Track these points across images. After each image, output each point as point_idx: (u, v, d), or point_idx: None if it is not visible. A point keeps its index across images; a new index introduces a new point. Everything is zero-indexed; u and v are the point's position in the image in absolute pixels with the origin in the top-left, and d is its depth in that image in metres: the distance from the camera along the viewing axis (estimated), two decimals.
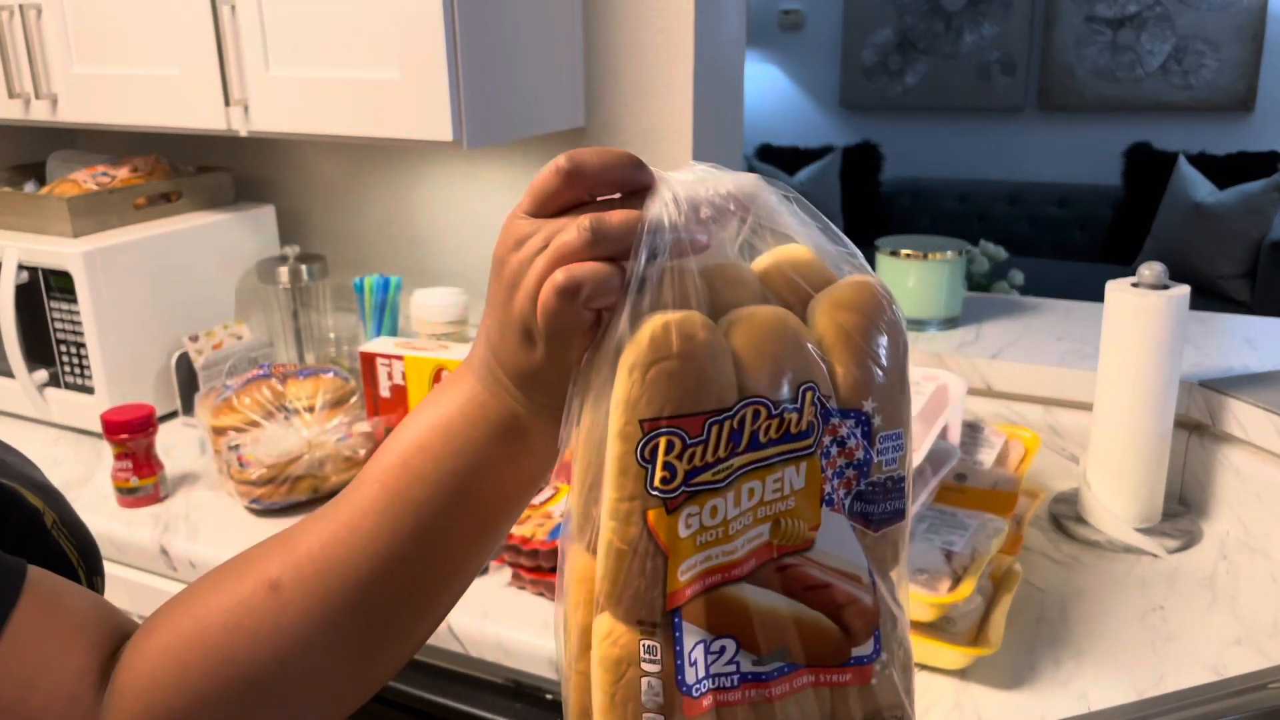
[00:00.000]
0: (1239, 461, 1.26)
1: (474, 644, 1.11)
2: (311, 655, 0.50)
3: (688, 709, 0.45)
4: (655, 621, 0.45)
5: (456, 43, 1.30)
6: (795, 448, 0.46)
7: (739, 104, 1.68)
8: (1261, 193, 4.19)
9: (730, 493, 0.45)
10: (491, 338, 0.50)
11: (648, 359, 0.44)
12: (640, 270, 0.45)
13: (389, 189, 1.83)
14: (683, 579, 0.45)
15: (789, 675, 0.47)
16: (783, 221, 0.49)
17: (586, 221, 0.45)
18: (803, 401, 0.46)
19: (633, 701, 0.45)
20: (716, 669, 0.46)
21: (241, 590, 0.50)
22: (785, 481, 0.46)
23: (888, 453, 0.48)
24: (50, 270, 1.56)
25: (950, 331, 1.53)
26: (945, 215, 5.13)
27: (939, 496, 1.15)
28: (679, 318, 0.44)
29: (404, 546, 0.50)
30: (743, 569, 0.46)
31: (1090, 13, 4.89)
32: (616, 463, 0.45)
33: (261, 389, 1.40)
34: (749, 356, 0.45)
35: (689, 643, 0.45)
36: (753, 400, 0.45)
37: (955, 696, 0.97)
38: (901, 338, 0.49)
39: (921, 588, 0.99)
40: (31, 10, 1.58)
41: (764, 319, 0.46)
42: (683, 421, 0.44)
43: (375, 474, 0.51)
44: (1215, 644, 1.04)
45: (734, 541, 0.45)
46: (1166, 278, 1.19)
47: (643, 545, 0.44)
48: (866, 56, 5.41)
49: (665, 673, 0.45)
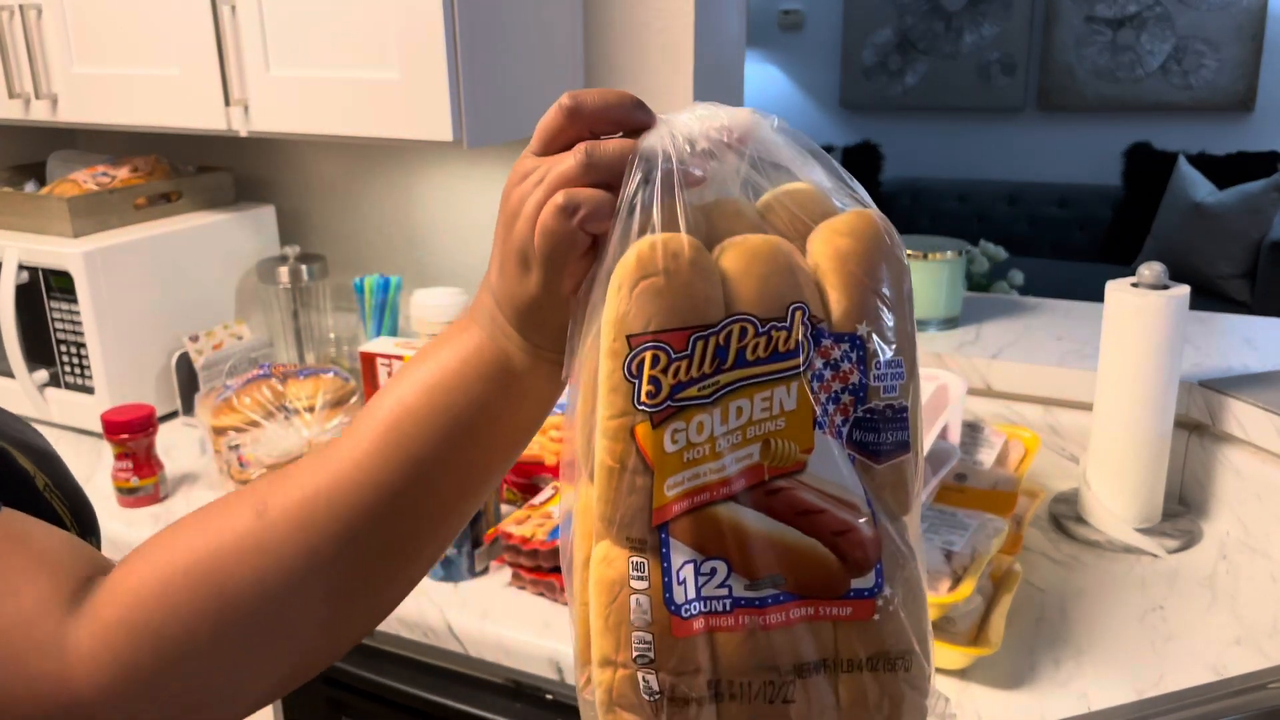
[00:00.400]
0: (1239, 461, 1.26)
1: (474, 644, 1.11)
2: (292, 584, 0.49)
3: (677, 629, 0.45)
4: (644, 539, 0.46)
5: (457, 43, 1.30)
6: (784, 367, 0.46)
7: (739, 104, 1.68)
8: (1261, 193, 4.19)
9: (717, 409, 0.45)
10: (491, 279, 0.52)
11: (634, 276, 0.45)
12: (631, 196, 0.47)
13: (389, 189, 1.83)
14: (669, 494, 0.45)
15: (785, 604, 0.46)
16: (782, 155, 0.50)
17: (582, 149, 0.48)
18: (791, 320, 0.46)
19: (625, 623, 0.46)
20: (708, 591, 0.46)
21: (229, 516, 0.50)
22: (775, 401, 0.46)
23: (886, 379, 0.47)
24: (50, 270, 1.56)
25: (950, 331, 1.53)
26: (945, 215, 5.12)
27: (939, 496, 1.15)
28: (666, 237, 0.45)
29: (394, 491, 0.50)
30: (732, 488, 0.46)
31: (1090, 13, 4.89)
32: (607, 380, 0.45)
33: (262, 389, 1.40)
34: (737, 277, 0.46)
35: (677, 561, 0.45)
36: (739, 317, 0.45)
37: (955, 696, 0.97)
38: (901, 266, 0.49)
39: None
40: (32, 10, 1.58)
41: (755, 243, 0.47)
42: (667, 336, 0.44)
43: (372, 421, 0.52)
44: (1215, 644, 1.04)
45: (722, 459, 0.45)
46: (1166, 278, 1.19)
47: (631, 461, 0.45)
48: (866, 56, 5.42)
49: (653, 590, 0.45)
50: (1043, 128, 5.15)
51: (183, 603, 0.48)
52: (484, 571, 1.20)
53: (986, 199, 5.09)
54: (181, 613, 0.48)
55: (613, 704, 0.47)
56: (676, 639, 0.45)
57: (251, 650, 0.50)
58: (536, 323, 0.51)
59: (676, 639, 0.45)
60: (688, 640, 0.46)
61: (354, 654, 1.19)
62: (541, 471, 1.31)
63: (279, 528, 0.49)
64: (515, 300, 0.50)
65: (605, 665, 0.46)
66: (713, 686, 0.46)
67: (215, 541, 0.49)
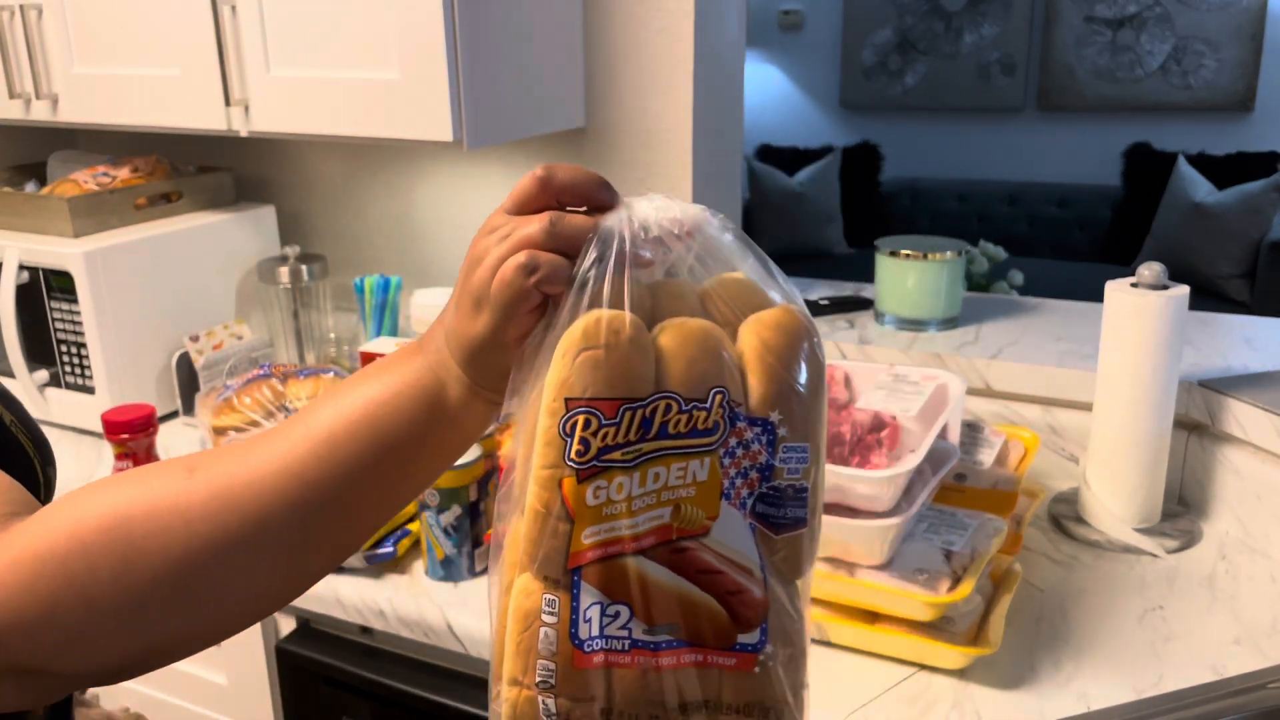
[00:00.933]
0: (1238, 461, 1.26)
1: (474, 644, 1.11)
2: (196, 551, 0.53)
3: (578, 661, 0.51)
4: (559, 579, 0.51)
5: (457, 43, 1.30)
6: (700, 443, 0.52)
7: (739, 104, 1.68)
8: (1261, 193, 4.19)
9: (637, 473, 0.51)
10: (445, 315, 0.57)
11: (579, 346, 0.50)
12: (586, 270, 0.52)
13: (389, 189, 1.83)
14: (585, 542, 0.51)
15: (677, 649, 0.52)
16: (724, 249, 0.56)
17: (548, 217, 0.53)
18: (711, 403, 0.51)
19: (533, 651, 0.52)
20: (610, 631, 0.51)
21: (159, 475, 0.55)
22: (689, 471, 0.52)
23: (791, 462, 0.53)
24: (51, 270, 1.56)
25: (950, 331, 1.53)
26: (945, 215, 5.13)
27: (939, 496, 1.15)
28: (611, 314, 0.51)
29: (319, 489, 0.55)
30: (642, 544, 0.51)
31: (1090, 13, 4.89)
32: (544, 435, 0.51)
33: (262, 389, 1.40)
34: (670, 357, 0.51)
35: (585, 601, 0.51)
36: (665, 395, 0.51)
37: (955, 696, 0.97)
38: (819, 362, 0.54)
39: (921, 588, 0.99)
40: (32, 10, 1.58)
41: (691, 327, 0.53)
42: (600, 404, 0.50)
43: (311, 425, 0.56)
44: (1214, 644, 1.04)
45: (636, 517, 0.51)
46: (1166, 278, 1.19)
47: (556, 509, 0.51)
48: (866, 57, 5.42)
49: (561, 625, 0.51)
50: (1042, 128, 5.15)
51: (90, 545, 0.52)
52: (484, 571, 1.20)
53: (986, 199, 5.09)
54: (89, 555, 0.52)
55: (515, 718, 0.53)
56: (576, 669, 0.51)
57: (147, 602, 0.53)
58: (480, 363, 0.56)
59: (576, 669, 0.51)
60: (586, 672, 0.51)
61: (355, 653, 1.20)
62: None
63: (198, 495, 0.54)
64: (464, 339, 0.55)
65: (513, 685, 0.52)
66: (605, 715, 0.52)
67: (138, 496, 0.54)
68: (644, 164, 1.59)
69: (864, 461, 1.02)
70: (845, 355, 1.49)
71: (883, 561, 1.01)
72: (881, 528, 0.98)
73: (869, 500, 0.99)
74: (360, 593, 1.17)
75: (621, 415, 0.50)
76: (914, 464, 1.00)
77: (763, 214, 5.06)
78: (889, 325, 1.56)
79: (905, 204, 5.20)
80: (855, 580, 1.01)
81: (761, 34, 5.56)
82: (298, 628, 1.25)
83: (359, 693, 1.19)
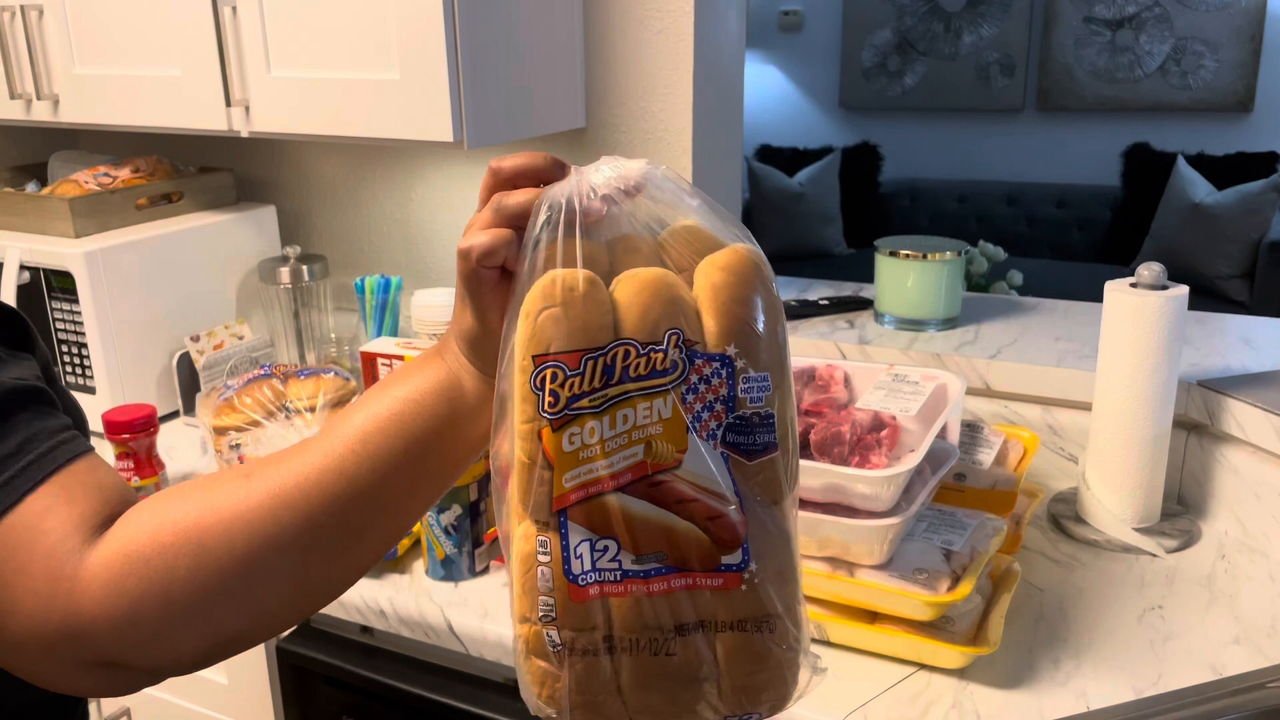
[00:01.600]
0: (1237, 461, 1.26)
1: (474, 643, 1.11)
2: (259, 550, 0.58)
3: (574, 594, 0.56)
4: (548, 521, 0.56)
5: (457, 43, 1.30)
6: (661, 382, 0.55)
7: (739, 104, 1.69)
8: (1260, 193, 4.19)
9: (606, 417, 0.55)
10: (451, 317, 0.64)
11: (538, 306, 0.55)
12: (536, 234, 0.56)
13: (390, 189, 1.83)
14: (567, 485, 0.55)
15: (666, 575, 0.56)
16: (674, 198, 0.59)
17: (494, 199, 0.59)
18: (667, 344, 0.55)
19: (535, 589, 0.56)
20: (601, 564, 0.56)
21: (222, 484, 0.60)
22: (654, 410, 0.56)
23: (753, 392, 0.57)
24: (52, 270, 1.56)
25: (949, 332, 1.54)
26: (944, 216, 5.13)
27: (938, 496, 1.15)
28: (565, 273, 0.55)
29: (362, 486, 0.60)
30: (619, 481, 0.55)
31: (1089, 14, 4.89)
32: (519, 391, 0.55)
33: (263, 389, 1.40)
34: (626, 306, 0.55)
35: (574, 539, 0.55)
36: (623, 342, 0.55)
37: (954, 696, 0.98)
38: (772, 296, 0.58)
39: (921, 587, 0.99)
40: (33, 11, 1.58)
41: (644, 276, 0.56)
42: (563, 356, 0.54)
43: (348, 428, 0.61)
44: (1214, 643, 1.05)
45: (611, 457, 0.55)
46: (1165, 278, 1.20)
47: (538, 458, 0.55)
48: (866, 57, 5.42)
49: (554, 563, 0.56)
50: (1042, 128, 5.15)
51: (169, 548, 0.57)
52: (484, 571, 1.20)
53: (986, 199, 5.10)
54: (167, 556, 0.57)
55: (529, 653, 0.58)
56: (574, 602, 0.56)
57: (216, 598, 0.58)
58: (481, 351, 0.61)
59: (574, 602, 0.56)
60: (583, 604, 0.56)
61: (355, 653, 1.20)
62: None
63: (256, 498, 0.59)
64: (461, 333, 0.62)
65: (523, 622, 0.57)
66: (606, 641, 0.56)
67: (205, 504, 0.59)
68: None
69: (864, 461, 1.02)
70: (845, 355, 1.49)
71: (882, 561, 1.01)
72: (881, 527, 0.98)
73: (869, 500, 0.99)
74: (361, 592, 1.17)
75: (584, 365, 0.54)
76: (914, 464, 1.00)
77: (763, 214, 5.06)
78: (889, 325, 1.56)
79: (905, 204, 5.21)
80: (855, 580, 1.01)
81: (761, 34, 5.56)
82: (298, 627, 1.25)
83: (359, 692, 1.19)
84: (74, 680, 0.59)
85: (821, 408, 1.12)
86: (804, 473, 1.00)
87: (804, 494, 1.02)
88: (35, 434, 0.60)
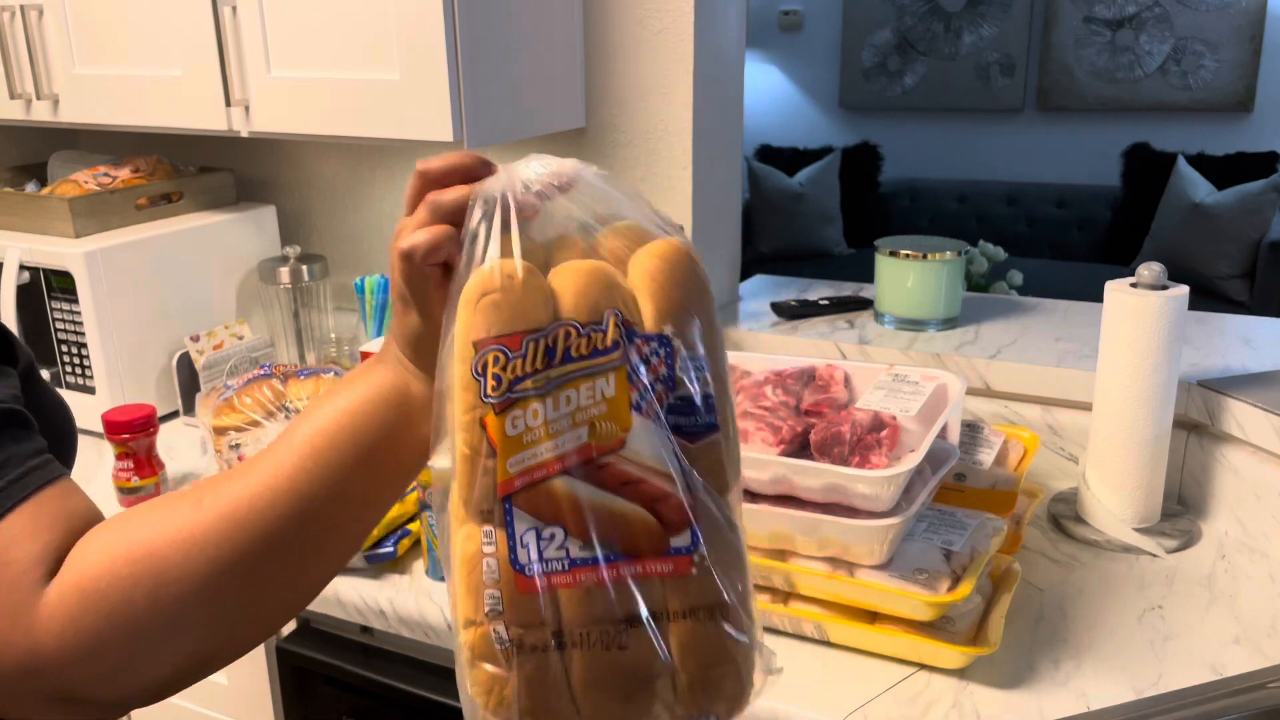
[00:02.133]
0: (1237, 461, 1.26)
1: None
2: (217, 573, 0.58)
3: (521, 585, 0.54)
4: (492, 510, 0.55)
5: (457, 43, 1.30)
6: (603, 361, 0.56)
7: (739, 104, 1.69)
8: (1260, 193, 4.19)
9: (549, 399, 0.55)
10: (391, 323, 0.63)
11: (477, 294, 0.55)
12: (474, 229, 0.57)
13: (390, 189, 1.83)
14: (511, 471, 0.54)
15: (615, 562, 0.55)
16: (606, 196, 0.60)
17: (428, 198, 0.59)
18: (607, 324, 0.56)
19: (481, 587, 0.55)
20: (549, 554, 0.55)
21: (173, 510, 0.59)
22: (597, 390, 0.55)
23: (690, 372, 0.57)
24: (52, 270, 1.56)
25: (949, 332, 1.54)
26: (944, 216, 5.13)
27: (938, 496, 1.15)
28: (502, 261, 0.56)
29: (313, 501, 0.59)
30: (565, 464, 0.55)
31: (1089, 14, 4.90)
32: (459, 381, 0.55)
33: (263, 389, 1.40)
34: (563, 292, 0.56)
35: (520, 528, 0.54)
36: (564, 323, 0.55)
37: (954, 695, 0.98)
38: (703, 282, 0.59)
39: (921, 587, 0.99)
40: (33, 11, 1.58)
41: (580, 265, 0.58)
42: (505, 339, 0.54)
43: (294, 443, 0.60)
44: (1214, 643, 1.05)
45: (555, 439, 0.55)
46: (1165, 278, 1.20)
47: (483, 448, 0.54)
48: (866, 57, 5.42)
49: (500, 554, 0.54)
50: (1042, 128, 5.15)
51: (125, 578, 0.56)
52: None
53: (986, 199, 5.10)
54: (123, 586, 0.56)
55: (474, 660, 0.56)
56: (520, 594, 0.54)
57: (177, 625, 0.57)
58: (424, 352, 0.61)
59: (520, 594, 0.54)
60: (530, 596, 0.54)
61: (355, 653, 1.20)
62: None
63: (209, 521, 0.58)
64: (406, 335, 0.61)
65: (468, 626, 0.55)
66: (556, 638, 0.55)
67: (158, 530, 0.58)
68: (644, 164, 1.59)
69: (864, 461, 1.02)
70: (845, 355, 1.49)
71: (882, 561, 1.01)
72: (881, 527, 0.98)
73: (869, 500, 0.99)
74: (361, 592, 1.17)
75: (526, 346, 0.55)
76: (914, 464, 1.00)
77: (763, 214, 5.06)
78: (889, 325, 1.56)
79: (905, 204, 5.21)
80: (855, 580, 1.01)
81: (761, 34, 5.56)
82: (298, 627, 1.25)
83: (359, 692, 1.19)
84: (36, 713, 0.58)
85: (821, 408, 1.12)
86: (804, 473, 1.00)
87: (804, 494, 1.02)
88: (7, 460, 0.59)
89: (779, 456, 1.02)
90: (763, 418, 1.08)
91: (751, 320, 1.61)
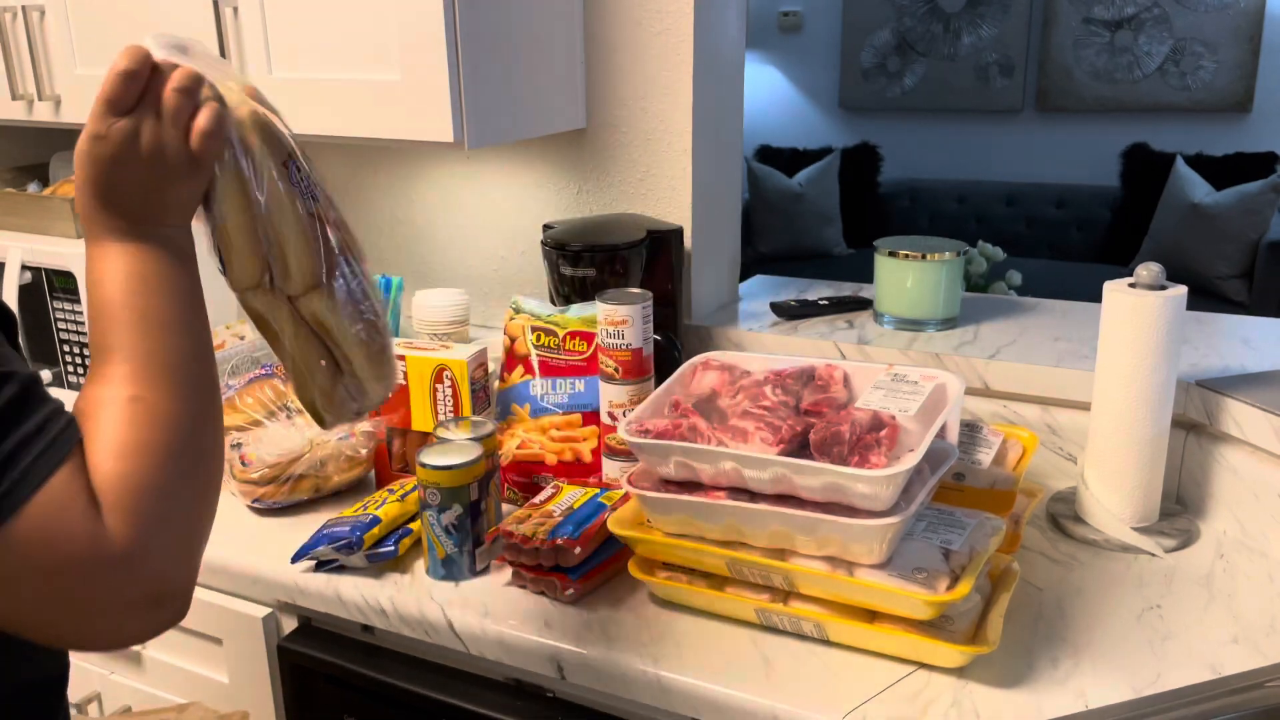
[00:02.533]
0: (1236, 461, 1.27)
1: (475, 642, 1.11)
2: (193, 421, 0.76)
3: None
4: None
5: (458, 44, 1.30)
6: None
7: (739, 104, 1.69)
8: (1259, 193, 4.20)
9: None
10: (151, 199, 0.82)
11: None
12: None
13: (389, 189, 1.84)
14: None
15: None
16: (204, 60, 0.85)
17: (188, 73, 0.82)
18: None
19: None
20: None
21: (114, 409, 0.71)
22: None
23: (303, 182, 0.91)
24: (53, 270, 1.56)
25: (948, 332, 1.54)
26: (944, 216, 5.14)
27: (937, 495, 1.15)
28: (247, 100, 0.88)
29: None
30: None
31: (1088, 14, 4.90)
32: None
33: (263, 388, 1.41)
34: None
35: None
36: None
37: (953, 695, 0.98)
38: (275, 135, 0.89)
39: (920, 586, 0.99)
40: (35, 11, 1.59)
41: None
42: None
43: (191, 327, 0.88)
44: (1212, 642, 1.05)
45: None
46: (1164, 278, 1.20)
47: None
48: (865, 58, 5.42)
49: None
50: (1041, 129, 5.16)
51: (145, 467, 0.69)
52: (485, 570, 1.20)
53: (985, 200, 5.10)
54: (149, 472, 0.69)
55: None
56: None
57: (194, 474, 0.73)
58: (193, 209, 0.84)
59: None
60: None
61: (356, 652, 1.20)
62: (542, 471, 1.32)
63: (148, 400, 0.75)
64: (189, 204, 0.85)
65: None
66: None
67: (134, 423, 0.71)
68: (644, 164, 1.59)
69: (863, 461, 1.03)
70: (845, 355, 1.49)
71: (881, 560, 1.01)
72: (880, 527, 0.99)
73: (868, 499, 0.99)
74: (361, 591, 1.17)
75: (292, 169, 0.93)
76: (913, 463, 1.01)
77: (762, 215, 5.06)
78: (888, 325, 1.57)
79: (904, 205, 5.21)
80: (854, 579, 1.01)
81: (761, 35, 5.57)
82: (299, 627, 1.25)
83: (360, 691, 1.20)
84: (130, 622, 0.67)
85: (821, 407, 1.13)
86: (804, 472, 1.00)
87: (804, 493, 1.02)
88: (53, 413, 0.67)
89: (778, 456, 1.03)
90: (762, 417, 1.08)
91: (751, 320, 1.61)
